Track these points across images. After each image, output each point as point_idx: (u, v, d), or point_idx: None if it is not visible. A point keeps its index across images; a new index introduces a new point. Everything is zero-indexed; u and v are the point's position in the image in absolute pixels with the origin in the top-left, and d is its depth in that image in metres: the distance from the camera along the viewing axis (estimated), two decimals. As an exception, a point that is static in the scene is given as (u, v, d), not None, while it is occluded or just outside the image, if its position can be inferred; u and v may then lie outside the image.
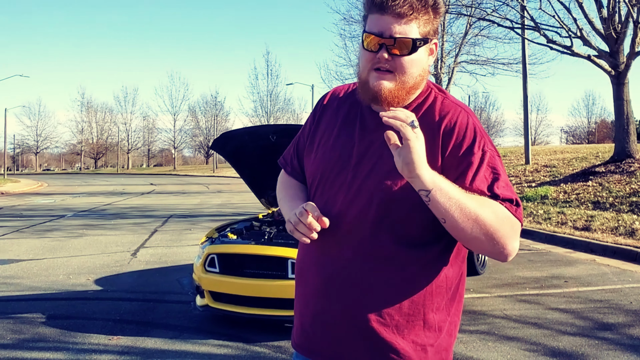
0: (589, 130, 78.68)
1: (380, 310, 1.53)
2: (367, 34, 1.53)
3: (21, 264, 8.56)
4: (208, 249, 5.25)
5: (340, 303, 1.56)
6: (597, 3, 15.63)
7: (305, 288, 1.67)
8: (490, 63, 24.61)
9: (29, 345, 4.82)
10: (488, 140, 1.55)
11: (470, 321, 5.27)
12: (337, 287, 1.57)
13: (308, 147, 1.74)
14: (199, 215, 16.12)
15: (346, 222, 1.55)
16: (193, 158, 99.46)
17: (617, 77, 15.42)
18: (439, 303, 1.57)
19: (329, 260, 1.58)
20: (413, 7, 1.49)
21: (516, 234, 1.48)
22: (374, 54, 1.52)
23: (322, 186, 1.63)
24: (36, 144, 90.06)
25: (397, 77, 1.52)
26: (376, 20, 1.52)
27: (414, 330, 1.55)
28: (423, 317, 1.55)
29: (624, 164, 14.75)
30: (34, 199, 24.63)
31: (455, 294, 1.62)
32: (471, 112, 1.60)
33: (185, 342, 4.84)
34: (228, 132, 5.99)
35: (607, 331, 5.00)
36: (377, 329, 1.53)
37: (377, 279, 1.53)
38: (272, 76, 59.89)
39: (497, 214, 1.44)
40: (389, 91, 1.52)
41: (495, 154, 1.54)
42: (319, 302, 1.61)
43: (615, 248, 8.77)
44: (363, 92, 1.58)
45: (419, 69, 1.55)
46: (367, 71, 1.55)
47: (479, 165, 1.49)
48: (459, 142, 1.51)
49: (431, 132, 1.52)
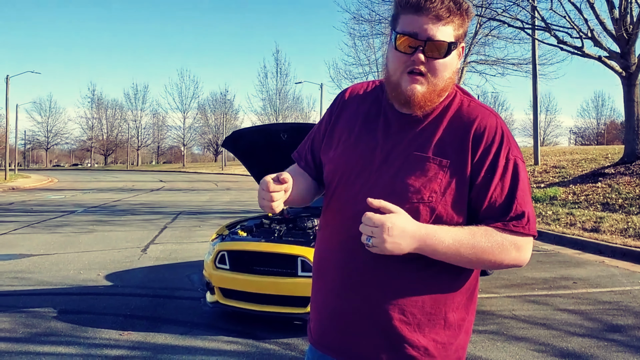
0: (598, 132, 78.20)
1: (402, 308, 1.54)
2: (400, 35, 1.50)
3: (32, 258, 8.64)
4: (218, 245, 5.29)
5: (361, 301, 1.56)
6: (608, 4, 15.55)
7: (325, 285, 1.66)
8: (500, 63, 24.57)
9: (41, 340, 4.87)
10: (514, 146, 1.56)
11: (479, 321, 5.29)
12: (359, 285, 1.56)
13: (326, 144, 1.72)
14: (208, 212, 16.19)
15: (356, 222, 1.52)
16: (202, 155, 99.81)
17: (628, 79, 15.35)
18: (459, 302, 1.59)
19: (351, 259, 1.57)
20: (450, 10, 1.47)
21: (524, 250, 1.52)
22: (408, 55, 1.50)
23: (342, 185, 1.62)
24: (46, 139, 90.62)
25: (430, 80, 1.51)
26: (411, 20, 1.48)
27: (435, 329, 1.56)
28: (444, 315, 1.57)
29: (633, 166, 14.67)
30: (45, 194, 24.81)
31: (472, 293, 1.65)
32: (499, 115, 1.60)
33: (195, 338, 4.88)
34: (239, 130, 6.03)
35: (616, 333, 5.00)
36: (399, 327, 1.54)
37: (400, 278, 1.54)
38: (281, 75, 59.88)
39: (501, 246, 1.48)
40: (422, 95, 1.52)
41: (520, 160, 1.55)
42: (339, 299, 1.60)
43: (624, 250, 8.74)
44: (395, 95, 1.56)
45: (450, 72, 1.54)
46: (399, 73, 1.53)
47: (503, 172, 1.51)
48: (487, 146, 1.52)
49: (461, 135, 1.54)
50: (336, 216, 1.63)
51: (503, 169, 1.51)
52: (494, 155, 1.52)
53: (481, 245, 1.47)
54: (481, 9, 19.30)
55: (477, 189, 1.51)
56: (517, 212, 1.49)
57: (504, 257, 1.49)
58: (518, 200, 1.50)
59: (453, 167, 1.51)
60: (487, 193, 1.50)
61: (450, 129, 1.52)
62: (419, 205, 1.51)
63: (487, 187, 1.50)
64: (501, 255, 1.49)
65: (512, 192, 1.51)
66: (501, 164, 1.52)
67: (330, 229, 1.66)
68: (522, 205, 1.50)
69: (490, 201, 1.50)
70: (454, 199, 1.51)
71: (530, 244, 1.54)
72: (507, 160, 1.52)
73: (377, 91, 1.70)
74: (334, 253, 1.62)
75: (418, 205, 1.51)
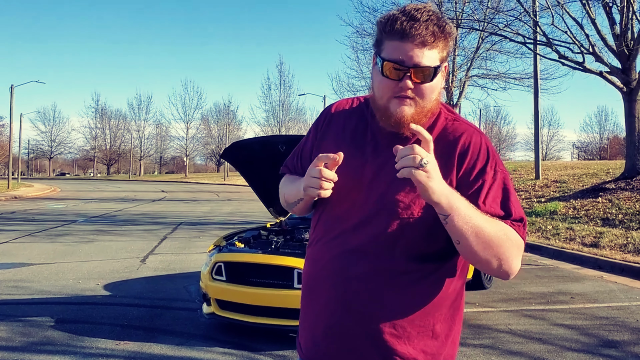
0: (601, 146, 78.18)
1: (393, 322, 1.57)
2: (387, 62, 1.53)
3: (32, 267, 8.67)
4: (215, 257, 5.32)
5: (353, 315, 1.58)
6: (609, 20, 15.63)
7: (317, 300, 1.67)
8: (501, 77, 24.63)
9: (38, 349, 4.89)
10: (499, 161, 1.61)
11: (474, 335, 5.29)
12: (352, 301, 1.58)
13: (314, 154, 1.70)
14: (209, 223, 16.21)
15: (360, 239, 1.57)
16: (204, 166, 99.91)
17: (629, 94, 15.39)
18: (445, 314, 1.63)
19: (344, 274, 1.59)
20: (435, 34, 1.50)
21: (521, 254, 1.55)
22: (395, 81, 1.53)
23: (334, 201, 1.63)
24: (50, 149, 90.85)
25: (418, 103, 1.55)
26: (397, 47, 1.51)
27: (424, 340, 1.60)
28: (432, 327, 1.60)
29: (634, 181, 14.67)
30: (47, 203, 24.87)
31: (459, 304, 1.68)
32: (482, 132, 1.65)
33: (191, 349, 4.89)
34: (238, 141, 6.06)
35: (612, 348, 5.00)
36: (389, 341, 1.57)
37: (390, 293, 1.57)
38: (284, 86, 60.34)
39: (509, 236, 1.51)
40: (411, 117, 1.54)
41: (506, 174, 1.60)
42: (333, 314, 1.62)
43: (623, 265, 8.74)
44: (384, 118, 1.58)
45: (436, 93, 1.58)
46: (387, 98, 1.56)
47: (491, 184, 1.55)
48: (473, 162, 1.57)
49: (447, 152, 1.58)
50: (328, 231, 1.65)
51: (492, 181, 1.56)
52: (480, 170, 1.56)
53: (493, 225, 1.49)
54: (483, 23, 19.43)
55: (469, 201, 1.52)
56: (516, 217, 1.55)
57: (505, 249, 1.50)
58: (513, 206, 1.55)
59: None
60: (477, 204, 1.52)
61: (436, 146, 1.52)
62: (409, 220, 1.55)
63: (477, 198, 1.53)
64: (504, 246, 1.49)
65: (506, 200, 1.56)
66: (489, 176, 1.56)
67: (322, 244, 1.67)
68: (518, 212, 1.55)
69: (488, 210, 1.53)
70: None
71: (522, 250, 1.56)
72: (495, 173, 1.57)
73: (362, 107, 1.72)
74: (326, 269, 1.63)
75: (408, 220, 1.55)
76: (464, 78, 24.53)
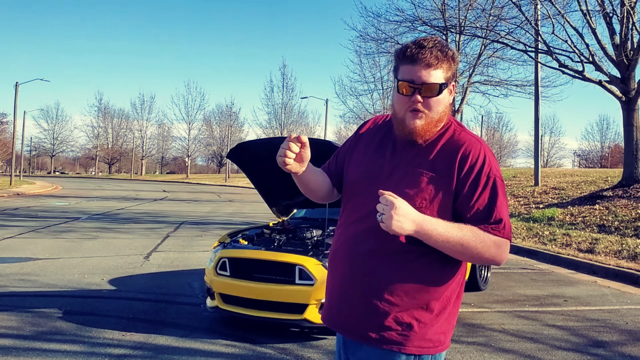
0: (602, 155, 78.30)
1: (393, 293, 1.88)
2: (401, 82, 1.89)
3: (38, 262, 8.86)
4: (220, 252, 5.51)
5: (361, 287, 1.92)
6: (609, 29, 15.84)
7: (336, 273, 2.03)
8: (503, 84, 24.82)
9: (47, 338, 5.08)
10: (495, 167, 1.91)
11: (468, 333, 5.47)
12: (360, 273, 1.92)
13: (347, 160, 2.13)
14: (210, 222, 16.41)
15: (370, 222, 1.88)
16: (206, 167, 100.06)
17: (628, 103, 15.59)
18: (440, 294, 1.91)
19: (357, 251, 1.94)
20: (438, 58, 1.86)
21: (502, 249, 1.86)
22: (408, 97, 1.89)
23: (356, 193, 2.02)
24: (52, 147, 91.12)
25: (427, 115, 1.89)
26: (408, 70, 1.88)
27: (418, 311, 1.90)
28: (427, 302, 1.90)
29: (631, 189, 14.87)
30: (49, 201, 25.06)
31: (455, 287, 1.96)
32: (483, 142, 1.97)
33: (194, 341, 5.08)
34: (243, 142, 6.24)
35: (600, 348, 5.19)
36: (388, 308, 1.89)
37: (394, 270, 1.89)
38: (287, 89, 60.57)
39: (482, 239, 1.82)
40: (421, 127, 1.90)
41: (499, 179, 1.90)
42: (345, 285, 1.97)
43: (617, 271, 8.92)
44: (400, 128, 1.94)
45: (443, 106, 1.92)
46: (403, 111, 1.91)
47: (484, 187, 1.87)
48: (471, 167, 1.88)
49: (450, 157, 1.90)
50: (349, 217, 2.02)
51: (484, 184, 1.87)
52: (476, 173, 1.88)
53: (467, 237, 1.81)
54: (486, 31, 19.64)
55: (462, 199, 1.87)
56: (496, 219, 1.85)
57: (484, 251, 1.83)
58: (497, 209, 1.86)
59: (441, 181, 1.88)
60: (470, 202, 1.86)
61: (442, 151, 1.91)
62: None
63: (471, 198, 1.86)
64: (482, 249, 1.82)
65: (492, 203, 1.87)
66: (482, 180, 1.87)
67: (343, 228, 2.04)
68: (500, 213, 1.86)
69: (474, 209, 1.86)
70: (440, 207, 1.88)
71: (508, 246, 1.88)
72: (488, 178, 1.88)
73: (390, 123, 2.08)
74: (344, 247, 2.00)
75: None
76: (466, 84, 24.71)
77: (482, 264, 1.86)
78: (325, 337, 5.25)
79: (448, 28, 21.72)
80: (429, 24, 21.43)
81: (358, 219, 1.97)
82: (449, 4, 22.37)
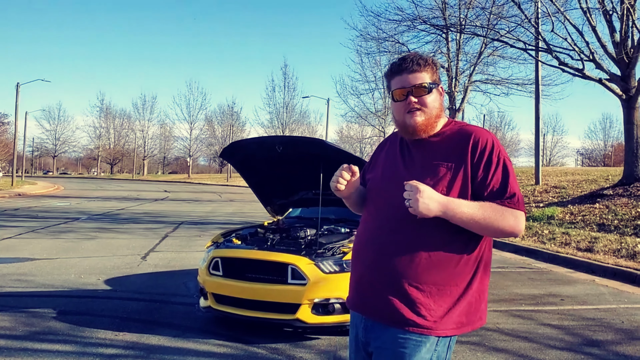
0: (605, 154, 78.13)
1: (418, 280, 2.07)
2: (395, 90, 2.18)
3: (35, 262, 8.86)
4: (213, 252, 5.49)
5: (386, 273, 2.11)
6: (609, 27, 15.78)
7: (360, 261, 2.23)
8: (504, 83, 24.79)
9: (40, 337, 5.08)
10: (502, 150, 2.14)
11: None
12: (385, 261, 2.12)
13: (370, 168, 2.43)
14: (210, 222, 16.40)
15: (388, 216, 2.15)
16: (208, 167, 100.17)
17: (628, 101, 15.53)
18: (463, 278, 2.10)
19: (380, 241, 2.15)
20: (420, 64, 2.16)
21: (519, 220, 2.07)
22: (403, 102, 2.15)
23: (374, 192, 2.29)
24: (54, 147, 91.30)
25: (425, 111, 2.15)
26: (398, 80, 2.17)
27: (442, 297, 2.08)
28: (450, 288, 2.08)
29: (632, 188, 14.82)
30: (50, 201, 25.10)
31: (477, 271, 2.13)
32: (489, 131, 2.20)
33: (187, 341, 5.07)
34: (237, 141, 6.22)
35: (595, 347, 5.16)
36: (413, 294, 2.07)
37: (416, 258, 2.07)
38: (289, 89, 60.41)
39: (502, 213, 2.03)
40: (422, 123, 2.15)
41: (507, 160, 2.13)
42: (370, 271, 2.17)
43: (615, 269, 8.88)
44: (404, 131, 2.21)
45: (437, 104, 2.18)
46: (402, 115, 2.18)
47: (495, 167, 2.09)
48: (482, 151, 2.10)
49: (462, 145, 2.12)
50: (372, 211, 2.26)
51: (496, 165, 2.10)
52: (487, 157, 2.10)
53: (488, 212, 2.02)
54: (486, 29, 19.59)
55: (479, 181, 2.08)
56: (510, 194, 2.07)
57: (504, 224, 2.03)
58: (510, 185, 2.08)
59: (456, 168, 2.09)
60: (486, 182, 2.08)
61: (451, 142, 2.15)
62: None
63: (486, 178, 2.08)
64: (502, 222, 2.03)
65: (505, 180, 2.09)
66: (494, 161, 2.10)
67: (367, 222, 2.27)
68: (513, 188, 2.09)
69: (490, 187, 2.08)
70: (459, 191, 2.08)
71: (523, 217, 2.09)
72: (499, 159, 2.11)
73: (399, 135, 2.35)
74: (369, 237, 2.22)
75: None
76: (467, 83, 24.67)
77: (503, 236, 2.12)
78: (317, 337, 5.23)
79: (448, 27, 21.70)
80: (429, 22, 21.40)
81: (382, 212, 2.19)
82: (449, 3, 22.35)
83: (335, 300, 5.01)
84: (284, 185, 6.68)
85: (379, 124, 39.07)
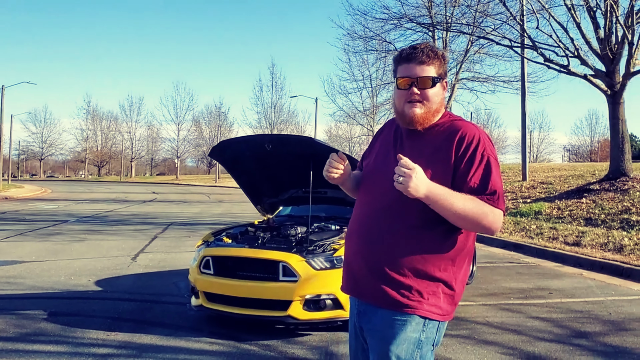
0: (592, 149, 78.71)
1: (400, 264, 2.15)
2: (400, 78, 2.21)
3: (24, 265, 8.82)
4: (203, 251, 5.51)
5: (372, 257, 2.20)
6: (594, 24, 15.93)
7: (351, 245, 2.32)
8: (490, 80, 24.89)
9: (31, 339, 5.07)
10: (488, 147, 2.16)
11: (451, 326, 5.49)
12: (371, 246, 2.21)
13: (367, 154, 2.51)
14: (199, 223, 16.38)
15: (375, 202, 2.23)
16: (196, 168, 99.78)
17: (613, 97, 15.69)
18: (444, 264, 2.17)
19: (368, 227, 2.24)
20: (430, 56, 2.19)
21: (497, 218, 2.10)
22: (406, 90, 2.19)
23: (367, 178, 2.37)
24: (41, 150, 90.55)
25: (425, 104, 2.19)
26: (405, 68, 2.20)
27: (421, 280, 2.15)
28: (430, 272, 2.15)
29: (618, 182, 14.98)
30: (38, 204, 24.92)
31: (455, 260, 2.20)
32: (479, 127, 2.25)
33: (179, 340, 5.08)
34: (225, 140, 6.23)
35: (583, 339, 5.23)
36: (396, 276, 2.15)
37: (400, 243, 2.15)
38: (276, 88, 60.35)
39: (482, 209, 2.07)
40: (420, 115, 2.19)
41: (492, 158, 2.15)
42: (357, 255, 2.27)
43: (603, 263, 8.99)
44: (401, 119, 2.25)
45: (439, 98, 2.22)
46: (402, 104, 2.22)
47: (478, 164, 2.11)
48: (467, 146, 2.13)
49: (449, 139, 2.16)
50: (362, 198, 2.35)
51: (479, 161, 2.12)
52: (472, 152, 2.13)
53: (468, 205, 2.05)
54: (472, 27, 19.69)
55: (460, 175, 2.12)
56: (491, 190, 2.10)
57: (482, 218, 2.06)
58: (492, 182, 2.11)
59: (441, 160, 2.14)
60: (467, 177, 2.11)
61: (441, 136, 2.19)
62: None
63: (467, 174, 2.11)
64: (481, 216, 2.06)
65: (486, 177, 2.12)
66: (477, 158, 2.13)
67: (359, 208, 2.35)
68: (494, 186, 2.11)
69: (470, 182, 2.10)
70: (441, 183, 2.08)
71: (501, 217, 2.13)
72: (482, 156, 2.13)
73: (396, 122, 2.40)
74: (358, 223, 2.30)
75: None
76: (454, 81, 24.76)
77: (480, 231, 2.14)
78: (309, 333, 5.26)
79: (434, 25, 21.77)
80: (416, 20, 21.46)
81: (369, 200, 2.27)
82: (434, 1, 22.37)
83: (327, 297, 5.04)
84: (273, 183, 6.70)
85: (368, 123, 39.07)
